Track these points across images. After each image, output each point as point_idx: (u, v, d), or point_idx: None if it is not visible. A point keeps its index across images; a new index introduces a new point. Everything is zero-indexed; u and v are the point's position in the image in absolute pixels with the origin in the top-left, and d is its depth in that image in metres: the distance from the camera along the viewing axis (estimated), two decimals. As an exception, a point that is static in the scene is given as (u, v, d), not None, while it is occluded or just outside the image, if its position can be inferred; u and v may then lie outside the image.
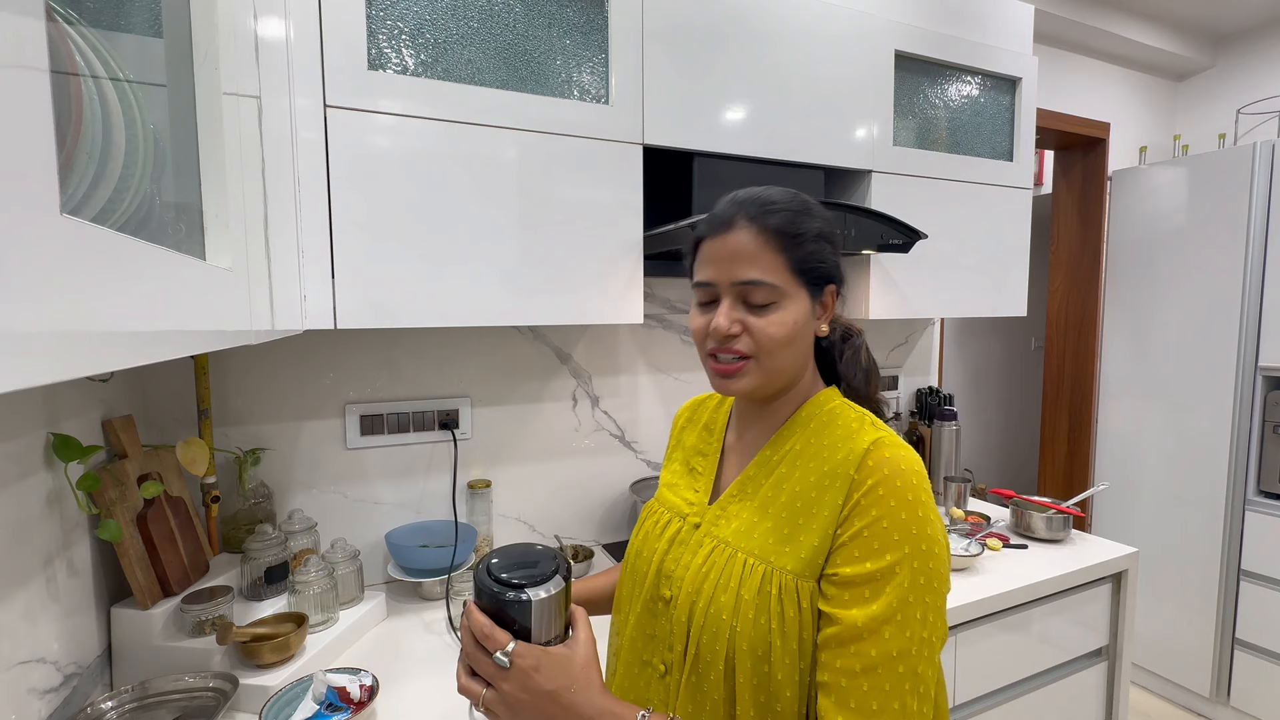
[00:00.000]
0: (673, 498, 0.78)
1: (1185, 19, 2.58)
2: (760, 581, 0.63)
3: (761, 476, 0.70)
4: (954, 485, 1.82)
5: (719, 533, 0.69)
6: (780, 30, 1.36)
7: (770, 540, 0.65)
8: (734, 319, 0.66)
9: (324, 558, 1.17)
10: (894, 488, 0.59)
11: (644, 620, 0.72)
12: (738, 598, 0.63)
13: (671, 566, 0.71)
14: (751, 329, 0.66)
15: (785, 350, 0.67)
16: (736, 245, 0.66)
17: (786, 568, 0.62)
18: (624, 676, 0.73)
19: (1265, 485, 2.18)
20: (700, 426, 0.83)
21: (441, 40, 1.08)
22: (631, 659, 0.73)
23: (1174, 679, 2.41)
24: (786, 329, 0.66)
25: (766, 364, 0.67)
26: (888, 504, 0.59)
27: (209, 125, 0.67)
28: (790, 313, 0.66)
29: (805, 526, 0.63)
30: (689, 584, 0.67)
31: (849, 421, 0.68)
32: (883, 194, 1.52)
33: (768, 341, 0.66)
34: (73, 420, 0.93)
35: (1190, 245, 2.32)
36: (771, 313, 0.66)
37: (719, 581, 0.65)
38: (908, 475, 0.60)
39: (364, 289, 1.04)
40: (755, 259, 0.65)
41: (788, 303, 0.66)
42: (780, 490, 0.67)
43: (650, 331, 1.66)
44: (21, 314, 0.30)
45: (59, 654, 0.85)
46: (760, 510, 0.67)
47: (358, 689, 0.94)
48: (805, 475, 0.66)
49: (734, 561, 0.65)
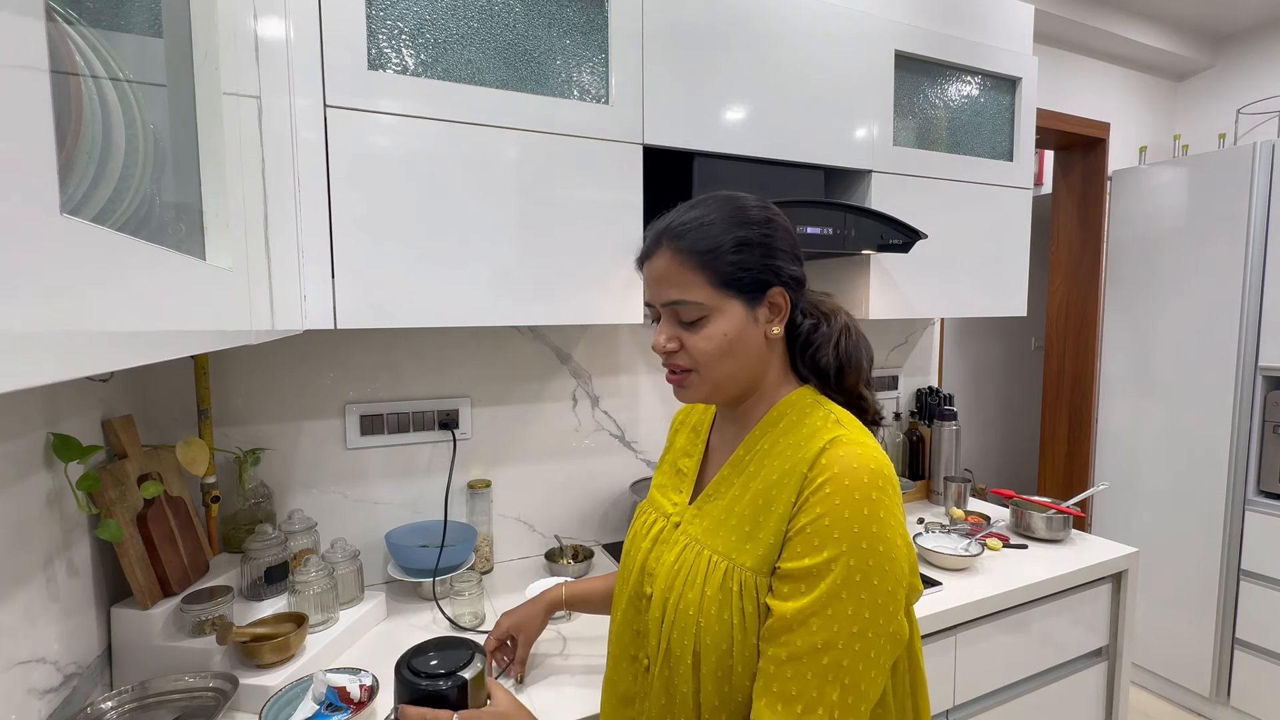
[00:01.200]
0: (660, 499, 0.81)
1: (1185, 19, 2.58)
2: (722, 578, 0.65)
3: (733, 476, 0.72)
4: (954, 485, 1.82)
5: (692, 532, 0.72)
6: (780, 30, 1.36)
7: (733, 538, 0.67)
8: (670, 335, 0.70)
9: (324, 558, 1.17)
10: (841, 485, 0.60)
11: (629, 616, 0.76)
12: (702, 594, 0.66)
13: (653, 565, 0.74)
14: (686, 344, 0.70)
15: (723, 361, 0.69)
16: (658, 270, 0.70)
17: (746, 564, 0.65)
18: (613, 671, 0.77)
19: (1265, 485, 2.18)
20: (690, 428, 0.86)
21: (441, 40, 1.08)
22: (620, 654, 0.77)
23: (1174, 679, 2.41)
24: (716, 342, 0.68)
25: (707, 375, 0.70)
26: (832, 502, 0.60)
27: (209, 125, 0.67)
28: (720, 325, 0.68)
29: (764, 524, 0.65)
30: (663, 580, 0.71)
31: (814, 420, 0.69)
32: (883, 194, 1.52)
33: (701, 355, 0.69)
34: (73, 420, 0.93)
35: (1190, 245, 2.32)
36: (701, 328, 0.69)
37: (688, 578, 0.68)
38: (858, 473, 0.61)
39: (364, 289, 1.04)
40: (675, 280, 0.69)
41: (717, 316, 0.68)
42: (746, 489, 0.69)
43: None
44: (21, 314, 0.30)
45: (59, 654, 0.85)
46: (727, 509, 0.70)
47: (358, 689, 0.94)
48: (768, 474, 0.67)
49: (700, 558, 0.68)
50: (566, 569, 1.43)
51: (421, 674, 0.70)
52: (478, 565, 1.44)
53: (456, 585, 1.21)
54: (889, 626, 0.60)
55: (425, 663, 0.71)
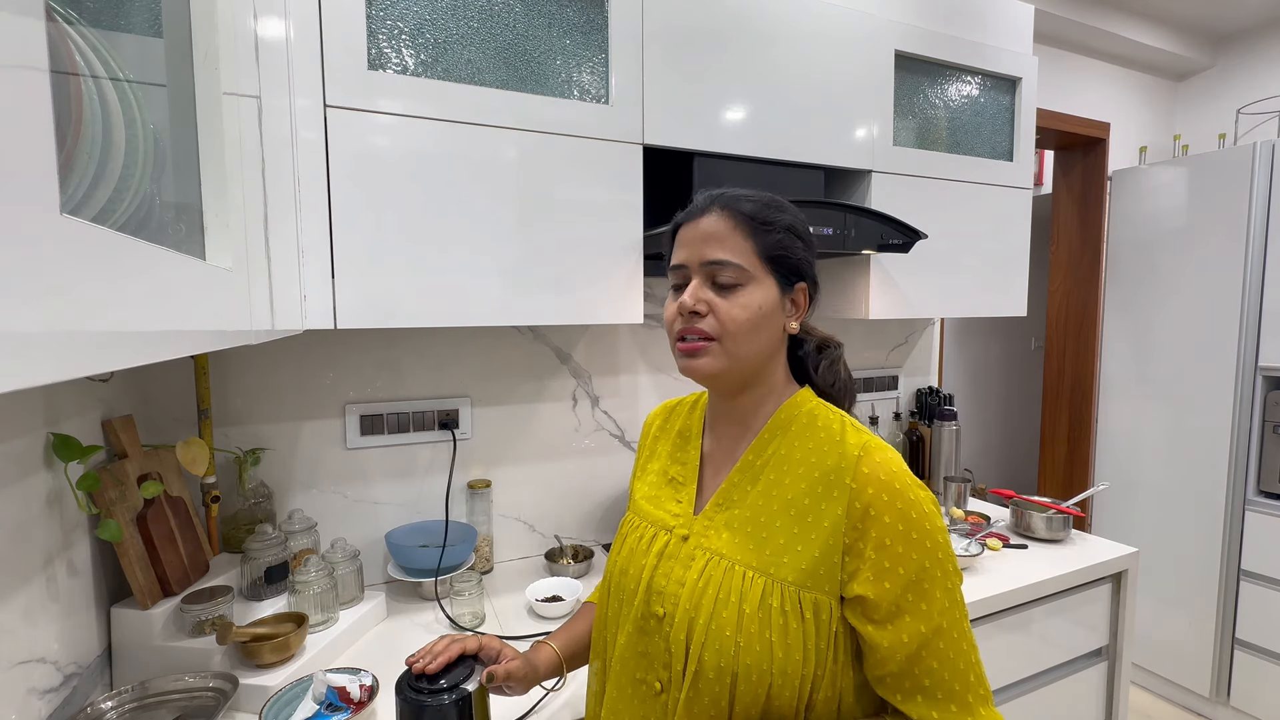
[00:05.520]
0: (654, 510, 0.76)
1: (1185, 19, 2.58)
2: (761, 595, 0.63)
3: (746, 484, 0.70)
4: (954, 485, 1.82)
5: (711, 545, 0.68)
6: (780, 30, 1.36)
7: (767, 551, 0.65)
8: (700, 298, 0.68)
9: (324, 558, 1.17)
10: (893, 492, 0.62)
11: (634, 639, 0.70)
12: (740, 612, 0.63)
13: (662, 582, 0.69)
14: (716, 309, 0.68)
15: (749, 335, 0.68)
16: (707, 227, 0.69)
17: (787, 579, 0.63)
18: (615, 697, 0.72)
19: (1265, 485, 2.18)
20: (674, 434, 0.82)
21: (441, 40, 1.08)
22: (623, 678, 0.71)
23: (1174, 679, 2.41)
24: (750, 312, 0.67)
25: (729, 347, 0.68)
26: (882, 520, 0.62)
27: (209, 125, 0.67)
28: (755, 296, 0.68)
29: (802, 536, 0.64)
30: (686, 600, 0.66)
31: (830, 424, 0.69)
32: (883, 194, 1.52)
33: (731, 323, 0.67)
34: (73, 420, 0.93)
35: (1190, 245, 2.32)
36: (737, 294, 0.68)
37: (718, 596, 0.64)
38: (901, 476, 0.64)
39: (364, 289, 1.04)
40: (724, 240, 0.68)
41: (754, 286, 0.68)
42: (770, 499, 0.67)
43: (650, 331, 1.66)
44: (21, 314, 0.30)
45: (59, 654, 0.85)
46: (752, 520, 0.67)
47: (358, 689, 0.94)
48: (795, 482, 0.66)
49: (732, 575, 0.65)
50: (566, 569, 1.43)
51: (424, 690, 0.70)
52: (478, 565, 1.44)
53: (456, 585, 1.21)
54: (960, 596, 0.64)
55: (430, 679, 0.71)
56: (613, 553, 0.79)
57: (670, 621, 0.67)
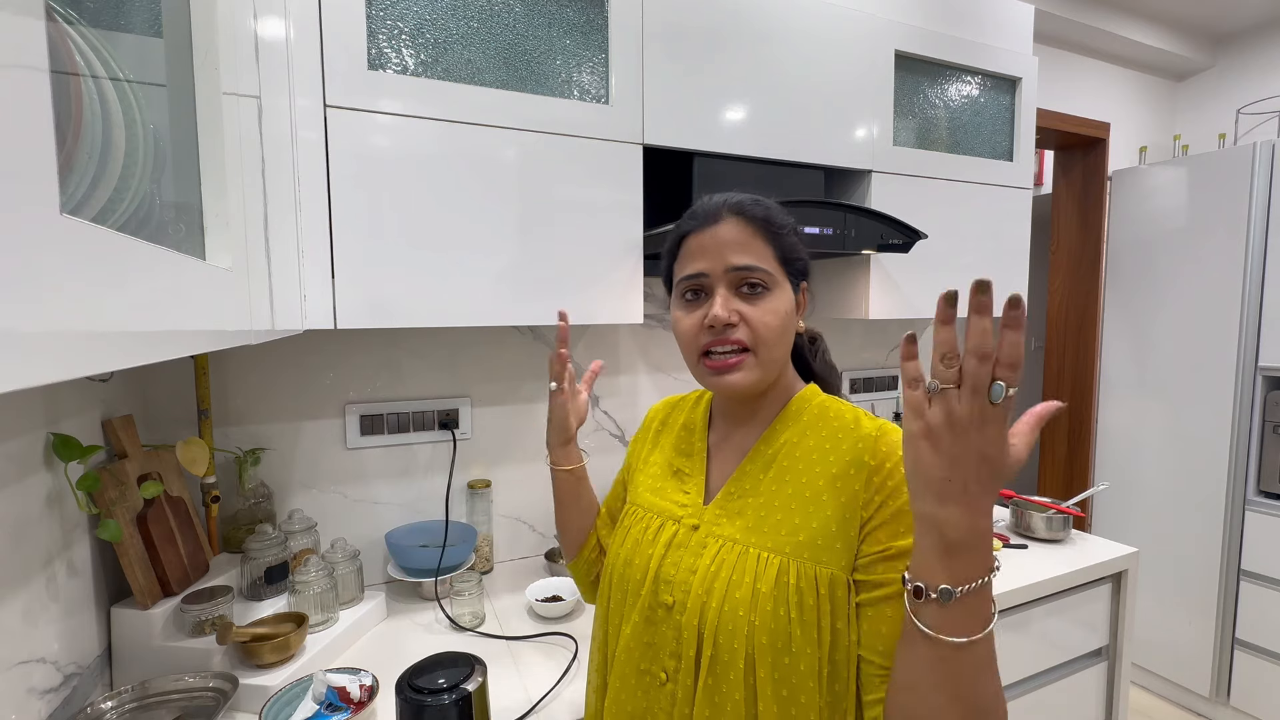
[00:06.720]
0: (660, 501, 0.76)
1: (1185, 19, 2.58)
2: (777, 573, 0.63)
3: (758, 471, 0.70)
4: (954, 485, 1.81)
5: (723, 532, 0.68)
6: (780, 30, 1.36)
7: (783, 531, 0.65)
8: (732, 308, 0.66)
9: (324, 558, 1.17)
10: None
11: (640, 629, 0.70)
12: (754, 591, 0.63)
13: (671, 571, 0.69)
14: (748, 318, 0.67)
15: (779, 341, 0.68)
16: (726, 234, 0.68)
17: (804, 556, 0.63)
18: (618, 688, 0.71)
19: (1265, 485, 2.18)
20: (678, 427, 0.82)
21: (441, 40, 1.08)
22: (626, 669, 0.70)
23: (1174, 679, 2.41)
24: (780, 318, 0.68)
25: (764, 355, 0.68)
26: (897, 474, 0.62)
27: (209, 125, 0.67)
28: (781, 301, 0.68)
29: (818, 514, 0.64)
30: (698, 586, 0.66)
31: (843, 413, 0.70)
32: (883, 194, 1.52)
33: (765, 330, 0.67)
34: (73, 420, 0.93)
35: (1190, 245, 2.32)
36: (764, 300, 0.67)
37: (731, 579, 0.64)
38: None
39: (364, 289, 1.04)
40: (747, 246, 0.68)
41: (779, 291, 0.68)
42: (784, 484, 0.67)
43: (650, 331, 1.66)
44: (21, 314, 0.30)
45: (59, 654, 0.85)
46: (766, 504, 0.67)
47: (358, 689, 0.94)
48: (810, 467, 0.66)
49: (746, 557, 0.65)
50: (566, 569, 1.43)
51: (425, 690, 0.71)
52: (478, 565, 1.44)
53: (456, 585, 1.21)
54: None
55: (430, 679, 0.72)
56: (614, 545, 0.77)
57: (681, 609, 0.66)
